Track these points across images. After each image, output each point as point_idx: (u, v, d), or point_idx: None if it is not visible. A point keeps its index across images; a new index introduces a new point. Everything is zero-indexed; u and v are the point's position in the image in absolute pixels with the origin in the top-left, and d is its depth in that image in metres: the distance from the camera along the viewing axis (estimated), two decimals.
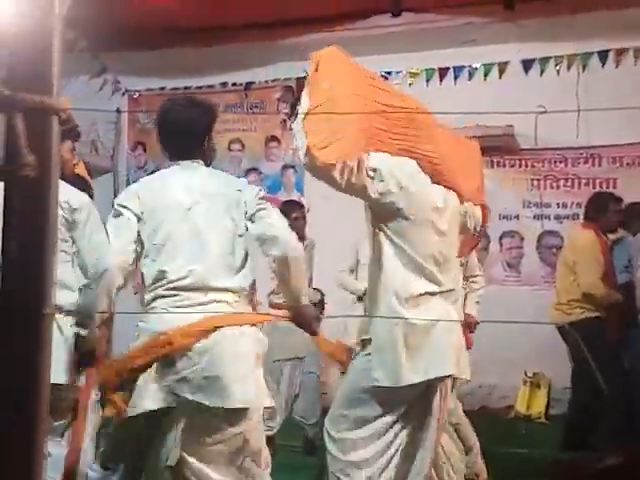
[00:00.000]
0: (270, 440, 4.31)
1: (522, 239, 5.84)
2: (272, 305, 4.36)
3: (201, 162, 2.34)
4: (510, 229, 5.86)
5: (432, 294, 2.38)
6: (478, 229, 2.65)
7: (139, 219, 2.22)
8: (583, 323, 4.18)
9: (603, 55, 5.67)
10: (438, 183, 2.46)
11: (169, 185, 2.29)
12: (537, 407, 5.48)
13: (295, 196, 6.36)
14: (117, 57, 6.34)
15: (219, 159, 6.61)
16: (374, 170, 2.32)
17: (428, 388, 2.35)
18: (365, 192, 2.32)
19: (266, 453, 2.27)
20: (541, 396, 5.50)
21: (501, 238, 5.81)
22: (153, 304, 2.19)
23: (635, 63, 5.62)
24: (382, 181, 2.32)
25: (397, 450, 2.37)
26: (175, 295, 2.16)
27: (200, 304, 2.14)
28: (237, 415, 2.13)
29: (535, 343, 5.17)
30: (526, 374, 5.60)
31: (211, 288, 2.17)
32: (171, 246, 2.19)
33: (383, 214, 2.38)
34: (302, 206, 4.43)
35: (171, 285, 2.16)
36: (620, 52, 5.64)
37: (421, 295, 2.35)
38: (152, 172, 5.64)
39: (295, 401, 4.21)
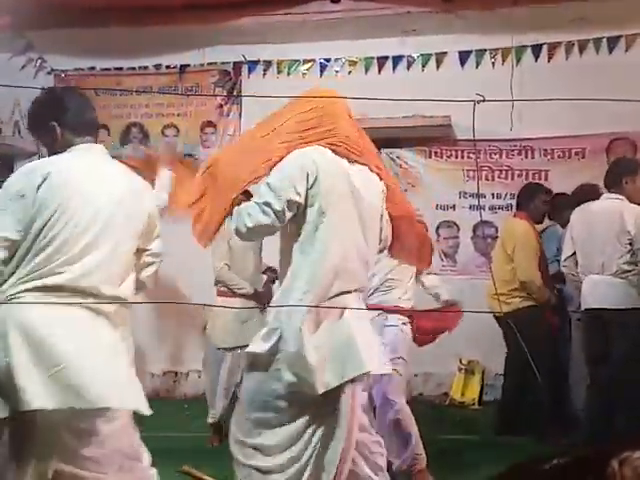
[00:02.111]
0: (216, 427, 4.29)
1: (458, 229, 5.92)
2: (219, 293, 4.31)
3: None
4: (447, 219, 5.93)
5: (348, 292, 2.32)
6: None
7: None
8: (521, 312, 4.28)
9: (536, 49, 5.80)
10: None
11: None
12: (471, 394, 5.60)
13: None
14: (44, 35, 6.02)
15: (153, 144, 6.52)
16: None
17: (338, 387, 2.26)
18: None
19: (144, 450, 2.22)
20: (475, 383, 5.62)
21: (438, 228, 5.88)
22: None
23: (566, 58, 5.78)
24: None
25: (312, 454, 2.27)
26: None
27: None
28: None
29: (470, 331, 5.25)
30: (461, 362, 5.70)
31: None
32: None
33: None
34: (251, 195, 4.36)
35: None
36: (553, 47, 5.78)
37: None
38: None
39: (238, 388, 4.18)
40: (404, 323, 3.61)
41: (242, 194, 2.40)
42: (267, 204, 2.23)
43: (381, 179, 2.48)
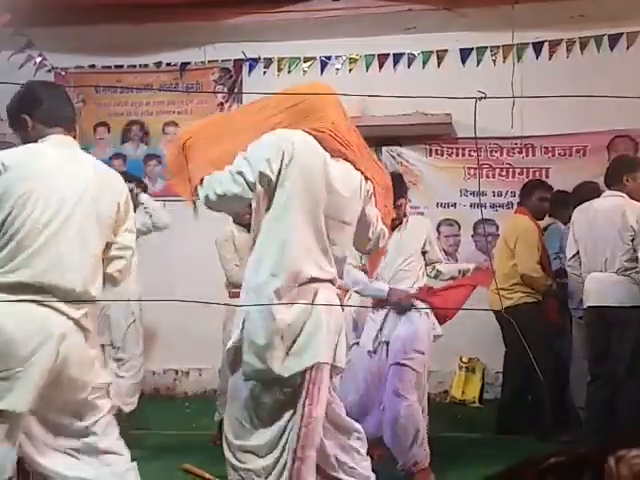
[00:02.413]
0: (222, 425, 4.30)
1: (459, 227, 5.92)
2: (232, 295, 4.31)
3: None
4: (447, 217, 5.93)
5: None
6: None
7: None
8: (521, 308, 4.28)
9: (538, 46, 5.79)
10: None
11: None
12: (472, 392, 5.60)
13: None
14: (45, 33, 6.02)
15: (154, 142, 6.53)
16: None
17: (301, 376, 2.26)
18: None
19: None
20: (476, 381, 5.62)
21: (439, 226, 5.88)
22: None
23: (568, 55, 5.77)
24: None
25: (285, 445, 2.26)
26: None
27: None
28: None
29: (470, 329, 5.26)
30: (461, 360, 5.70)
31: None
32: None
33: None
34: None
35: None
36: (554, 44, 5.77)
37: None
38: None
39: None
40: (426, 313, 3.58)
41: None
42: (239, 173, 2.24)
43: (366, 179, 2.46)
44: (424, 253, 3.72)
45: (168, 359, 6.09)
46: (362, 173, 2.44)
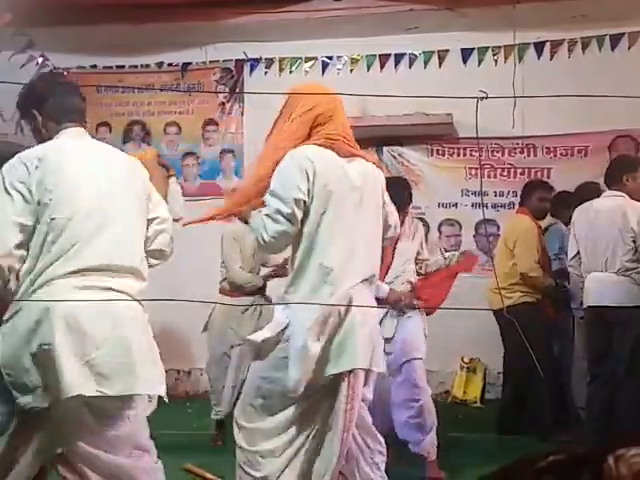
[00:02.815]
0: (220, 424, 4.30)
1: (460, 227, 5.92)
2: (222, 291, 4.32)
3: None
4: (449, 217, 5.93)
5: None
6: None
7: None
8: (521, 307, 4.28)
9: (539, 46, 5.78)
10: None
11: None
12: (473, 392, 5.60)
13: (234, 181, 6.24)
14: (46, 33, 6.03)
15: (155, 142, 6.53)
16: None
17: (336, 381, 2.29)
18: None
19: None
20: (477, 381, 5.62)
21: (440, 226, 5.88)
22: None
23: (569, 55, 5.77)
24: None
25: (303, 444, 2.31)
26: None
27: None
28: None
29: (471, 329, 5.27)
30: (463, 360, 5.70)
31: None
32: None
33: None
34: None
35: None
36: (555, 44, 5.77)
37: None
38: None
39: (243, 385, 4.21)
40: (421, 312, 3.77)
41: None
42: (277, 211, 2.26)
43: (378, 168, 2.52)
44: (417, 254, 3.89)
45: (169, 359, 6.08)
46: (374, 163, 2.49)
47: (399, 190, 3.57)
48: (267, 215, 2.28)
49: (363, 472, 2.42)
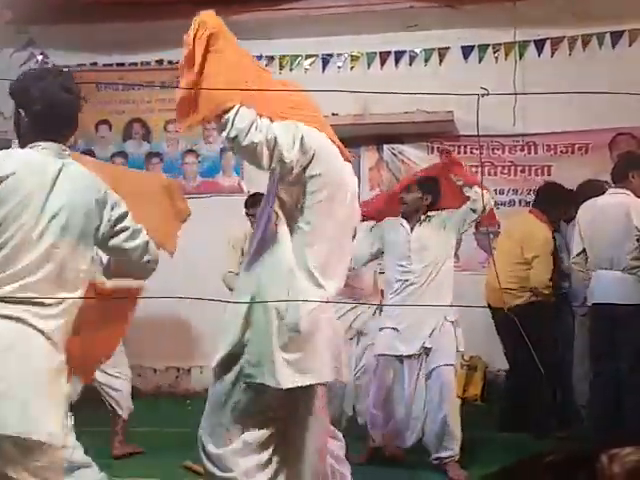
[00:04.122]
0: None
1: None
2: None
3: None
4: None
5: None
6: None
7: None
8: (529, 307, 4.26)
9: (540, 44, 5.77)
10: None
11: None
12: (473, 390, 5.59)
13: (234, 179, 6.23)
14: (46, 31, 6.02)
15: (156, 140, 6.51)
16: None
17: (305, 391, 2.24)
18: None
19: None
20: (477, 379, 5.61)
21: None
22: None
23: (570, 53, 5.76)
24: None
25: (281, 460, 2.26)
26: None
27: None
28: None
29: (471, 327, 5.24)
30: (463, 358, 5.68)
31: None
32: None
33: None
34: None
35: None
36: (556, 41, 5.76)
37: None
38: (83, 152, 5.36)
39: None
40: None
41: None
42: (273, 135, 2.12)
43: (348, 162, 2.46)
44: None
45: (170, 357, 6.10)
46: (348, 160, 2.42)
47: None
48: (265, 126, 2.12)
49: (336, 470, 2.41)
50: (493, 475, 0.83)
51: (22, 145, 2.14)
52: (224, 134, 2.11)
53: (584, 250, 4.05)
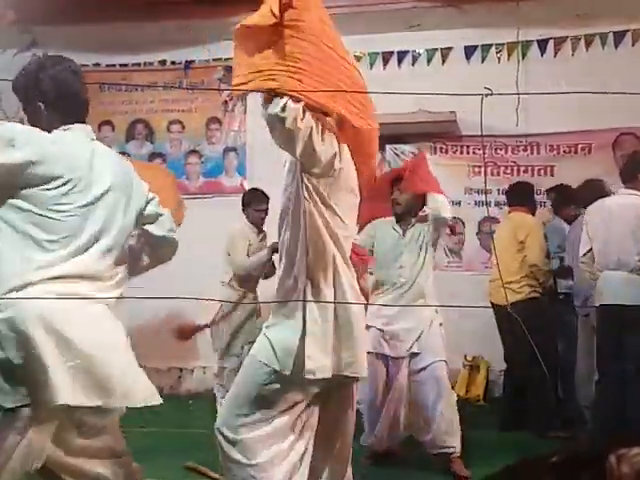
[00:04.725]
0: None
1: (464, 225, 5.90)
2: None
3: None
4: (452, 215, 5.89)
5: None
6: None
7: None
8: (529, 303, 4.27)
9: (543, 44, 5.77)
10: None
11: None
12: (476, 390, 5.59)
13: (237, 180, 6.24)
14: (49, 31, 6.03)
15: (159, 140, 6.53)
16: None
17: (341, 382, 2.23)
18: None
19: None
20: (480, 379, 5.61)
21: None
22: None
23: (573, 53, 5.75)
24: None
25: (306, 448, 2.23)
26: None
27: None
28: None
29: (474, 327, 5.25)
30: (465, 358, 5.69)
31: None
32: None
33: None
34: (268, 198, 4.37)
35: None
36: (559, 41, 5.75)
37: None
38: None
39: None
40: None
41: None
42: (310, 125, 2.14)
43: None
44: None
45: (172, 357, 6.10)
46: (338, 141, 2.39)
47: None
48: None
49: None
50: (497, 475, 0.83)
51: None
52: (274, 109, 2.05)
53: (591, 249, 4.04)
